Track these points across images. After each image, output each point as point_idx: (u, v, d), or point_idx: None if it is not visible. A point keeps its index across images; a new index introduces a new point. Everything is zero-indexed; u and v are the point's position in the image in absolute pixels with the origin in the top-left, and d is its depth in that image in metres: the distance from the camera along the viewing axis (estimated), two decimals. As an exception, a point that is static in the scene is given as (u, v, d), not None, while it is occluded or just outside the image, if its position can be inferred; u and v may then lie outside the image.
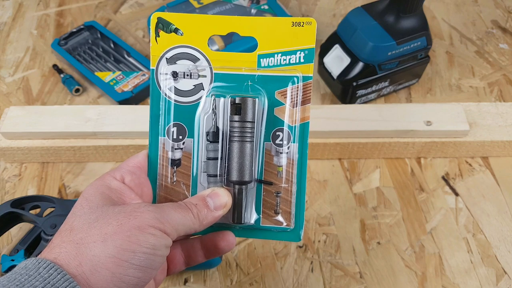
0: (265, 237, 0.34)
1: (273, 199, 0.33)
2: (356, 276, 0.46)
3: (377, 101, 0.62)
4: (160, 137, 0.33)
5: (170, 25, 0.32)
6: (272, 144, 0.33)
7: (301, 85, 0.32)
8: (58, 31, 0.72)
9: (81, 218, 0.27)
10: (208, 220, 0.30)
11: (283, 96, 0.32)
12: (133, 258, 0.25)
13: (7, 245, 0.48)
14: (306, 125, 0.33)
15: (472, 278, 0.46)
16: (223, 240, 0.33)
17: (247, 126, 0.31)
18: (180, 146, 0.33)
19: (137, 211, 0.27)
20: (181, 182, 0.33)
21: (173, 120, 0.33)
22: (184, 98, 0.33)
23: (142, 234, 0.26)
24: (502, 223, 0.50)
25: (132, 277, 0.25)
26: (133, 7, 0.77)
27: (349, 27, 0.56)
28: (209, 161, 0.33)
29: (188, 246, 0.34)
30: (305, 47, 0.32)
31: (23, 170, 0.55)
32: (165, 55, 0.33)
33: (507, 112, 0.55)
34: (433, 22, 0.73)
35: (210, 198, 0.31)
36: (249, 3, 0.68)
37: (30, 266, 0.24)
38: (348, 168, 0.55)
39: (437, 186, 0.53)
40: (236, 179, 0.32)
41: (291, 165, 0.33)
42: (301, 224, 0.33)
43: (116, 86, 0.61)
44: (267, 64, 0.32)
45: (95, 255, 0.25)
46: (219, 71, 0.33)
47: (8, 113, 0.54)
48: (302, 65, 0.32)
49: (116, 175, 0.31)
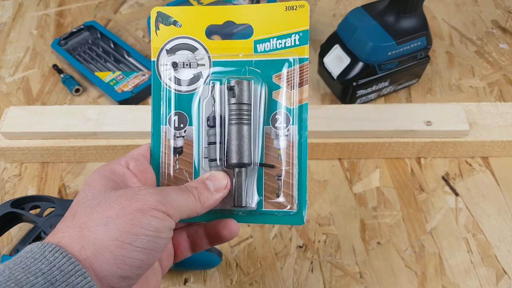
0: (268, 221, 0.34)
1: (275, 183, 0.33)
2: (356, 276, 0.46)
3: (377, 101, 0.62)
4: (162, 126, 0.34)
5: (169, 18, 0.33)
6: (271, 127, 0.33)
7: (297, 67, 0.33)
8: (58, 31, 0.72)
9: (85, 204, 0.27)
10: (209, 202, 0.30)
11: (280, 80, 0.33)
12: (136, 240, 0.25)
13: (7, 245, 0.48)
14: (304, 107, 0.33)
15: (472, 278, 0.46)
16: (225, 228, 0.33)
17: (243, 108, 0.32)
18: (182, 134, 0.34)
19: (138, 194, 0.27)
20: (183, 170, 0.34)
21: (174, 109, 0.34)
22: (185, 87, 0.34)
23: (145, 216, 0.26)
24: (502, 223, 0.50)
25: (135, 260, 0.26)
26: (133, 7, 0.77)
27: (349, 27, 0.56)
28: (210, 146, 0.33)
29: (193, 233, 0.34)
30: (299, 29, 0.33)
31: (23, 170, 0.55)
32: (165, 46, 0.34)
33: (507, 112, 0.55)
34: (433, 22, 0.73)
35: (210, 181, 0.31)
36: (249, 3, 0.69)
37: (35, 249, 0.24)
38: (348, 168, 0.55)
39: (437, 186, 0.53)
40: (235, 162, 0.32)
41: (291, 147, 0.33)
42: (304, 207, 0.33)
43: (116, 86, 0.61)
44: (263, 49, 0.33)
45: (98, 238, 0.25)
46: (217, 59, 0.33)
47: (8, 113, 0.54)
48: (298, 47, 0.33)
49: (121, 161, 0.31)
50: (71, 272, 0.24)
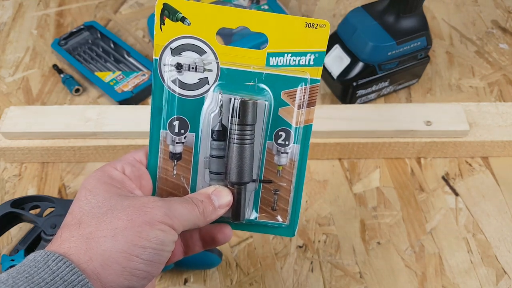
0: (261, 231, 0.35)
1: (271, 197, 0.34)
2: (356, 276, 0.46)
3: (377, 101, 0.62)
4: (162, 130, 0.33)
5: (177, 12, 0.30)
6: (274, 143, 0.33)
7: (308, 88, 0.32)
8: (58, 31, 0.72)
9: (89, 212, 0.27)
10: (212, 217, 0.31)
11: (289, 97, 0.32)
12: (143, 253, 0.26)
13: (7, 245, 0.48)
14: (309, 128, 0.33)
15: (472, 278, 0.46)
16: (220, 233, 0.33)
17: (246, 130, 0.31)
18: (182, 140, 0.33)
19: (147, 207, 0.27)
20: (181, 176, 0.33)
21: (176, 114, 0.32)
22: (188, 92, 0.32)
23: (152, 230, 0.26)
24: (502, 223, 0.50)
25: (141, 271, 0.26)
26: (133, 7, 0.77)
27: (349, 27, 0.56)
28: (213, 159, 0.33)
29: (187, 237, 0.34)
30: (316, 49, 0.31)
31: (23, 170, 0.55)
32: (169, 45, 0.31)
33: (507, 112, 0.55)
34: (433, 22, 0.73)
35: (215, 196, 0.31)
36: (249, 3, 0.68)
37: (39, 258, 0.25)
38: (348, 168, 0.55)
39: (437, 186, 0.53)
40: (235, 181, 0.32)
41: (291, 165, 0.33)
42: (296, 221, 0.34)
43: (116, 86, 0.61)
44: (276, 63, 0.31)
45: (106, 249, 0.25)
46: (226, 66, 0.31)
47: (8, 113, 0.54)
48: (311, 67, 0.31)
49: (117, 166, 0.31)
50: (74, 282, 0.24)
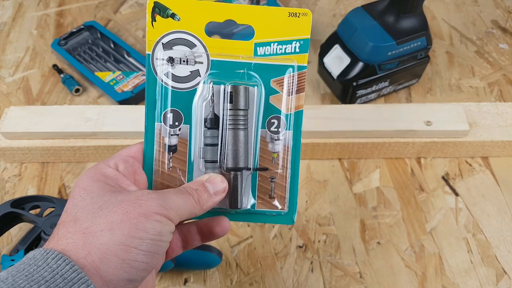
0: (260, 220, 0.35)
1: (268, 184, 0.34)
2: (356, 276, 0.46)
3: (377, 101, 0.62)
4: (156, 123, 0.33)
5: (167, 9, 0.32)
6: (267, 131, 0.33)
7: (296, 74, 0.33)
8: (58, 31, 0.72)
9: (84, 208, 0.27)
10: (208, 204, 0.31)
11: (278, 85, 0.33)
12: (141, 244, 0.26)
13: (7, 245, 0.48)
14: (300, 113, 0.33)
15: (472, 278, 0.46)
16: (218, 226, 0.33)
17: (239, 114, 0.32)
18: (177, 132, 0.33)
19: (141, 199, 0.27)
20: (177, 168, 0.33)
21: (170, 106, 0.33)
22: (180, 84, 0.33)
23: (149, 221, 0.26)
24: (502, 223, 0.50)
25: (141, 263, 0.26)
26: (133, 7, 0.77)
27: (349, 27, 0.56)
28: (207, 147, 0.33)
29: (184, 231, 0.34)
30: (300, 37, 0.33)
31: (23, 170, 0.55)
32: (161, 40, 0.33)
33: (507, 112, 0.55)
34: (433, 22, 0.73)
35: (209, 184, 0.31)
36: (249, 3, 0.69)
37: (38, 256, 0.25)
38: (348, 168, 0.55)
39: (437, 186, 0.53)
40: (231, 166, 0.32)
41: (285, 151, 0.33)
42: (295, 208, 0.34)
43: (116, 86, 0.61)
44: (264, 53, 0.33)
45: (103, 243, 0.25)
46: (215, 58, 0.33)
47: (8, 113, 0.54)
48: (297, 54, 0.33)
49: (110, 163, 0.31)
50: (74, 279, 0.24)
